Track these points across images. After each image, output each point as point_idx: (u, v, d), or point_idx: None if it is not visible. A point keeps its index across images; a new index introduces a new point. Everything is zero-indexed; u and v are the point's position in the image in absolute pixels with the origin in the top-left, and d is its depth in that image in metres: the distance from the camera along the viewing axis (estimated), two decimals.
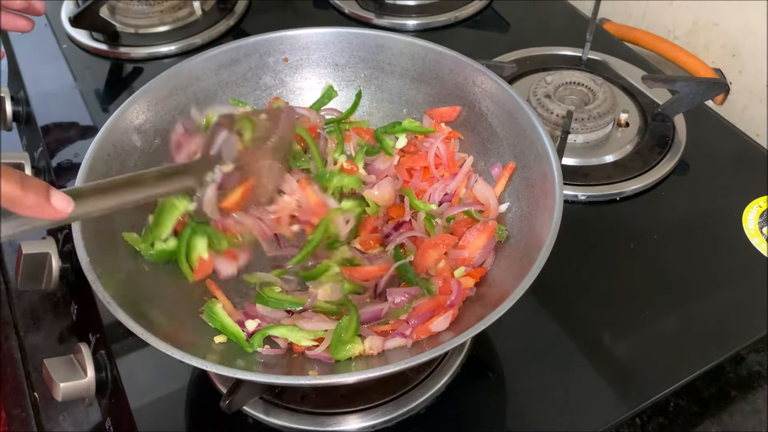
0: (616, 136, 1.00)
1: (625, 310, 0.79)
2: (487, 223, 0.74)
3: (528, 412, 0.71)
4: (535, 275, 0.60)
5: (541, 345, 0.77)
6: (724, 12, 1.13)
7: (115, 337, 0.76)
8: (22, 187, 0.47)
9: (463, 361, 0.74)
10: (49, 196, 0.49)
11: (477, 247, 0.73)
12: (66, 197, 0.51)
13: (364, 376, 0.57)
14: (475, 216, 0.75)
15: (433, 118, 0.84)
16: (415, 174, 0.81)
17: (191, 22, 1.24)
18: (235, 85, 0.84)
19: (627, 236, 0.88)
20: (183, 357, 0.55)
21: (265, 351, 0.67)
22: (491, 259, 0.73)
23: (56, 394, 0.71)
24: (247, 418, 0.70)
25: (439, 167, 0.81)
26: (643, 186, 0.92)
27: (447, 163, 0.81)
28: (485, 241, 0.73)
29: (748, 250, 0.85)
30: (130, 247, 0.69)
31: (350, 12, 1.24)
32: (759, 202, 0.90)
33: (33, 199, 0.48)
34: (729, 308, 0.79)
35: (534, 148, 0.72)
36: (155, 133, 0.77)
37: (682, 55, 1.14)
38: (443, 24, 1.22)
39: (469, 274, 0.71)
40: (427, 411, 0.71)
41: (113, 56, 1.18)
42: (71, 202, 0.51)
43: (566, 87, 1.02)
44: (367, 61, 0.86)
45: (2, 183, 0.46)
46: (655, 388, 0.73)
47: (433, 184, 0.80)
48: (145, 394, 0.72)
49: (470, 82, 0.80)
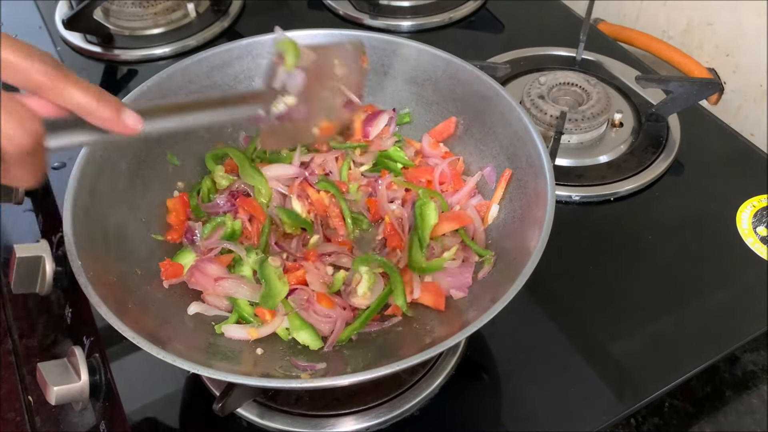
0: (610, 136, 1.00)
1: (619, 311, 0.80)
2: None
3: (522, 413, 0.71)
4: (527, 276, 0.60)
5: (535, 346, 0.77)
6: (718, 12, 1.13)
7: (109, 341, 0.76)
8: (98, 100, 0.50)
9: (457, 362, 0.74)
10: (121, 112, 0.52)
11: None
12: (136, 116, 0.53)
13: (358, 379, 0.56)
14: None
15: (433, 138, 0.84)
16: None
17: (185, 24, 1.24)
18: (228, 87, 0.84)
19: (621, 237, 0.88)
20: (174, 360, 0.55)
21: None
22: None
23: (50, 398, 0.71)
24: (241, 420, 0.70)
25: (443, 184, 0.81)
26: (638, 186, 0.92)
27: (451, 181, 0.80)
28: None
29: (742, 250, 0.85)
30: (122, 251, 0.69)
31: (344, 13, 1.24)
32: (753, 202, 0.90)
33: (107, 113, 0.51)
34: (723, 308, 0.79)
35: (526, 149, 0.72)
36: (147, 136, 0.77)
37: (677, 55, 1.14)
38: (437, 25, 1.22)
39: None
40: (421, 413, 0.71)
41: (108, 59, 1.18)
42: (141, 120, 0.53)
43: (560, 87, 1.02)
44: None
45: (81, 94, 0.49)
46: (650, 388, 0.73)
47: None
48: (139, 397, 0.72)
49: (463, 84, 0.80)
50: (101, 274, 0.63)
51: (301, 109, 0.64)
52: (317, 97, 0.65)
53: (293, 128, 0.65)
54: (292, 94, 0.64)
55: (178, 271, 0.72)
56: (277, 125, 0.64)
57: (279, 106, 0.64)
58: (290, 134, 0.65)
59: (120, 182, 0.73)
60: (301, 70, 0.65)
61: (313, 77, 0.65)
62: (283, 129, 0.64)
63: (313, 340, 0.69)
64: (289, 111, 0.64)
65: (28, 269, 0.83)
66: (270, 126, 0.64)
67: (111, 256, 0.67)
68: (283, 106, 0.64)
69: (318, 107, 0.65)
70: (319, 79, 0.66)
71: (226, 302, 0.72)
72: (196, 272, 0.71)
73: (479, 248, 0.74)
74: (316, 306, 0.70)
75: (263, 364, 0.67)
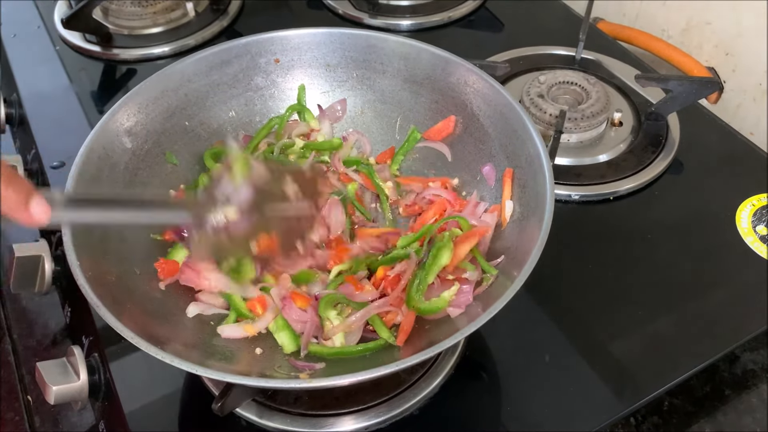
0: (610, 135, 0.99)
1: (618, 310, 0.79)
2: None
3: (521, 413, 0.71)
4: (526, 275, 0.60)
5: (534, 345, 0.77)
6: (717, 11, 1.13)
7: (108, 340, 0.76)
8: (6, 185, 0.47)
9: (456, 361, 0.74)
10: (29, 201, 0.48)
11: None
12: (45, 206, 0.49)
13: (357, 379, 0.56)
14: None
15: (430, 138, 0.84)
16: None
17: (184, 23, 1.23)
18: (227, 86, 0.84)
19: (620, 236, 0.88)
20: (173, 360, 0.55)
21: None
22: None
23: (49, 398, 0.71)
24: (240, 420, 0.70)
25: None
26: (637, 185, 0.92)
27: (453, 203, 0.80)
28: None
29: (741, 249, 0.85)
30: (121, 251, 0.69)
31: (344, 12, 1.24)
32: (752, 201, 0.90)
33: (12, 199, 0.47)
34: (723, 307, 0.79)
35: (526, 148, 0.72)
36: (146, 135, 0.77)
37: (676, 54, 1.14)
38: (437, 24, 1.22)
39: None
40: (420, 412, 0.71)
41: (106, 58, 1.17)
42: (48, 212, 0.49)
43: (560, 86, 1.02)
44: (359, 62, 0.86)
45: None
46: (650, 387, 0.73)
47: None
48: (138, 396, 0.72)
49: (462, 83, 0.80)
50: (100, 273, 0.62)
51: (241, 224, 0.61)
52: (260, 215, 0.62)
53: (228, 241, 0.61)
54: (234, 207, 0.61)
55: (174, 269, 0.72)
56: (210, 236, 0.60)
57: (218, 217, 0.60)
58: (224, 246, 0.61)
59: (119, 181, 0.73)
60: (249, 186, 0.61)
61: (261, 195, 0.62)
62: (216, 240, 0.61)
63: (290, 342, 0.68)
64: (227, 224, 0.60)
65: (27, 269, 0.83)
66: (202, 236, 0.60)
67: (110, 255, 0.67)
68: (222, 218, 0.60)
69: (259, 225, 0.62)
70: (266, 198, 0.62)
71: (222, 299, 0.72)
72: (186, 269, 0.71)
73: (488, 266, 0.71)
74: (291, 305, 0.70)
75: (262, 364, 0.67)
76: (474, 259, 0.72)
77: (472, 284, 0.70)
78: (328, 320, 0.69)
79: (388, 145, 0.87)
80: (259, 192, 0.62)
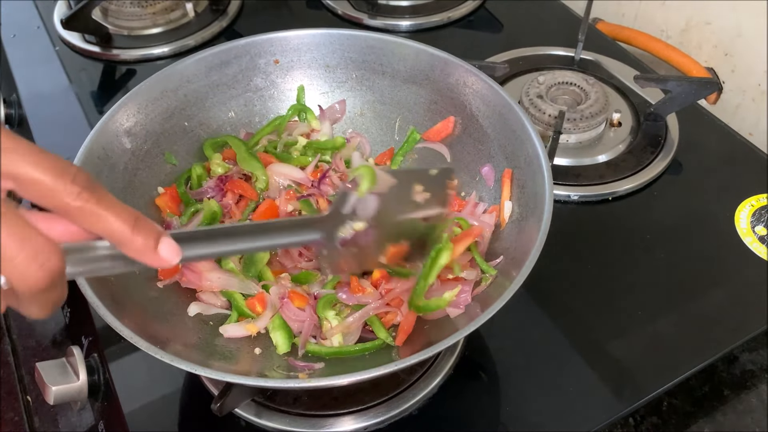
0: (609, 135, 1.00)
1: (618, 310, 0.80)
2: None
3: (521, 413, 0.71)
4: (525, 275, 0.60)
5: (533, 345, 0.77)
6: (716, 11, 1.13)
7: (108, 341, 0.76)
8: (134, 228, 0.44)
9: (455, 362, 0.74)
10: (159, 243, 0.46)
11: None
12: (175, 247, 0.47)
13: (356, 378, 0.56)
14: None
15: (429, 138, 0.84)
16: None
17: (184, 23, 1.24)
18: (226, 87, 0.84)
19: (619, 236, 0.88)
20: (172, 360, 0.55)
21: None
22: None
23: (48, 398, 0.71)
24: (240, 420, 0.70)
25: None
26: (636, 186, 0.92)
27: (452, 203, 0.79)
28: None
29: (740, 250, 0.85)
30: None
31: (343, 13, 1.24)
32: (751, 201, 0.90)
33: (142, 243, 0.45)
34: (722, 307, 0.79)
35: (524, 149, 0.72)
36: (146, 136, 0.77)
37: (675, 55, 1.14)
38: (436, 24, 1.22)
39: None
40: (419, 412, 0.71)
41: (106, 58, 1.18)
42: (179, 252, 0.47)
43: (558, 87, 1.02)
44: (359, 63, 0.86)
45: (117, 221, 0.43)
46: (649, 387, 0.73)
47: None
48: (138, 397, 0.72)
49: (461, 83, 0.80)
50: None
51: (370, 235, 0.60)
52: (388, 223, 0.61)
53: (359, 254, 0.60)
54: (361, 220, 0.59)
55: (174, 269, 0.71)
56: (341, 250, 0.59)
57: (346, 230, 0.59)
58: (354, 259, 0.60)
59: (118, 182, 0.73)
60: (376, 196, 0.60)
61: (388, 203, 0.60)
62: (347, 254, 0.59)
63: (284, 342, 0.68)
64: (355, 236, 0.59)
65: None
66: (332, 251, 0.59)
67: None
68: (351, 230, 0.59)
69: (388, 233, 0.61)
70: (394, 205, 0.61)
71: (223, 299, 0.72)
72: (187, 271, 0.71)
73: (487, 266, 0.71)
74: (289, 304, 0.70)
75: (261, 363, 0.67)
76: (461, 258, 0.72)
77: (471, 284, 0.70)
78: (326, 320, 0.69)
79: (387, 146, 0.87)
80: (386, 201, 0.60)
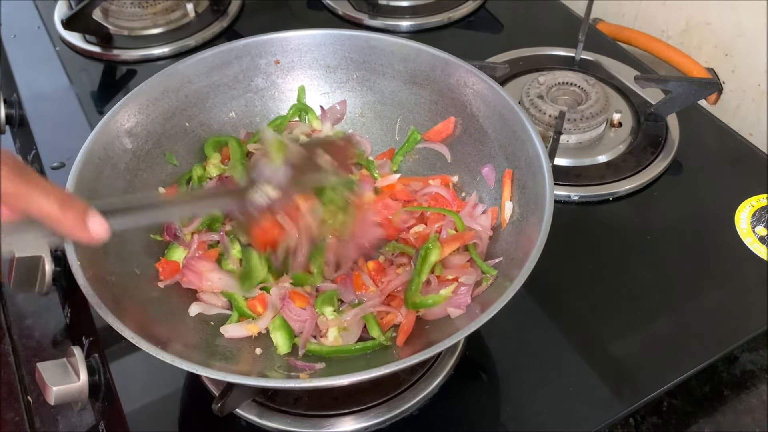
0: (609, 136, 1.00)
1: (618, 310, 0.80)
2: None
3: (521, 413, 0.71)
4: (526, 275, 0.60)
5: (534, 345, 0.77)
6: (717, 12, 1.13)
7: (108, 341, 0.76)
8: (62, 206, 0.46)
9: (456, 362, 0.74)
10: (86, 219, 0.47)
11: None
12: (102, 222, 0.48)
13: (356, 378, 0.57)
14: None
15: (430, 139, 0.84)
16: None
17: (184, 24, 1.24)
18: (227, 87, 0.84)
19: (620, 236, 0.88)
20: (173, 360, 0.55)
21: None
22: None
23: (49, 398, 0.71)
24: (240, 420, 0.70)
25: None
26: (636, 186, 0.93)
27: (452, 202, 0.80)
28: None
29: (740, 250, 0.85)
30: (121, 251, 0.69)
31: (344, 13, 1.24)
32: (751, 202, 0.90)
33: (71, 221, 0.46)
34: (722, 307, 0.79)
35: (525, 149, 0.72)
36: (146, 136, 0.77)
37: (675, 55, 1.14)
38: (437, 25, 1.22)
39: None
40: (420, 412, 0.71)
41: (107, 59, 1.18)
42: (106, 227, 0.49)
43: (559, 87, 1.03)
44: (359, 63, 0.86)
45: (46, 201, 0.45)
46: (649, 387, 0.73)
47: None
48: (139, 397, 0.72)
49: (462, 84, 0.80)
50: (100, 274, 0.63)
51: (283, 202, 0.64)
52: (299, 188, 0.65)
53: (275, 223, 0.64)
54: (274, 186, 0.63)
55: (175, 269, 0.72)
56: (257, 217, 0.63)
57: (261, 196, 0.63)
58: (272, 227, 0.64)
59: (119, 182, 0.74)
60: (287, 166, 0.64)
61: (298, 170, 0.65)
62: (264, 222, 0.63)
63: (284, 342, 0.68)
64: (270, 203, 0.63)
65: (27, 269, 0.83)
66: (248, 217, 0.63)
67: (110, 256, 0.67)
68: (265, 197, 0.63)
69: (299, 197, 0.65)
70: (303, 173, 0.65)
71: (224, 299, 0.72)
72: (187, 271, 0.71)
73: (486, 267, 0.71)
74: (290, 303, 0.70)
75: (262, 364, 0.67)
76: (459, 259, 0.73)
77: (471, 285, 0.70)
78: (323, 315, 0.70)
79: (387, 146, 0.87)
80: (297, 169, 0.64)
